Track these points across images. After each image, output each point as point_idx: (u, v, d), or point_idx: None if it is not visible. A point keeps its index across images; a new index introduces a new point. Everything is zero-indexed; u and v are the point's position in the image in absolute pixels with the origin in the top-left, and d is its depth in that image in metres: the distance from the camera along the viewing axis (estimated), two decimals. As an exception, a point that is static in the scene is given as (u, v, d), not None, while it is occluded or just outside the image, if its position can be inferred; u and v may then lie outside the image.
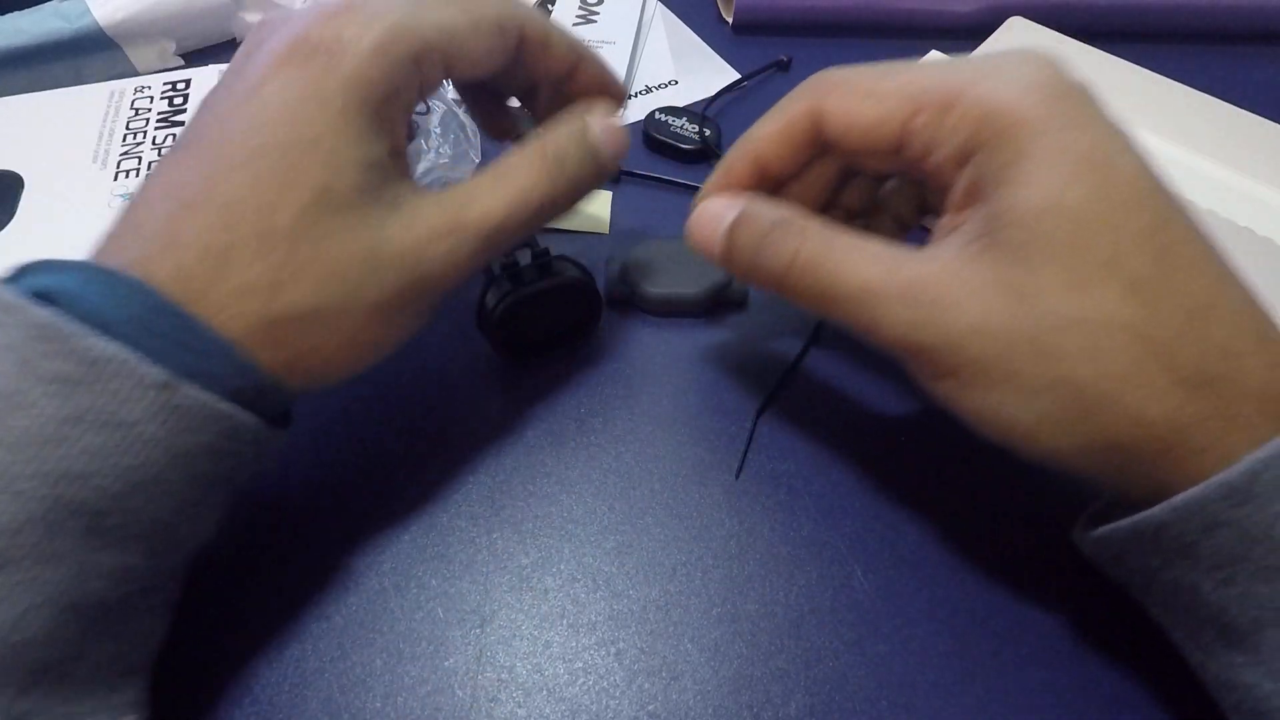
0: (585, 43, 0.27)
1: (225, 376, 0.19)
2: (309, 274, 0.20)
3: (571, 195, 0.25)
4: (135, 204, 0.21)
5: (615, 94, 0.27)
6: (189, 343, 0.19)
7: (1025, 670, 0.23)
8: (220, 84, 0.22)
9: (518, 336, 0.29)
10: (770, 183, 0.25)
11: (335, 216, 0.20)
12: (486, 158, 0.38)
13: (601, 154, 0.25)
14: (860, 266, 0.21)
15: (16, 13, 0.40)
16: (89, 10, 0.40)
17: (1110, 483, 0.21)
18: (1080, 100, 0.20)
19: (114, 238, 0.20)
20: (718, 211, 0.24)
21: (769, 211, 0.23)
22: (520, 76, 0.26)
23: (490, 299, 0.28)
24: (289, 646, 0.24)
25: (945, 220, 0.22)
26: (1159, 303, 0.18)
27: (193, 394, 0.18)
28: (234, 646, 0.24)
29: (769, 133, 0.24)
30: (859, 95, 0.22)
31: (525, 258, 0.28)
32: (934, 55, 0.39)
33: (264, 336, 0.20)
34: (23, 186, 0.32)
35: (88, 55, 0.41)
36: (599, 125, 0.25)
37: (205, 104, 0.22)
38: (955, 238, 0.21)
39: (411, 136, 0.23)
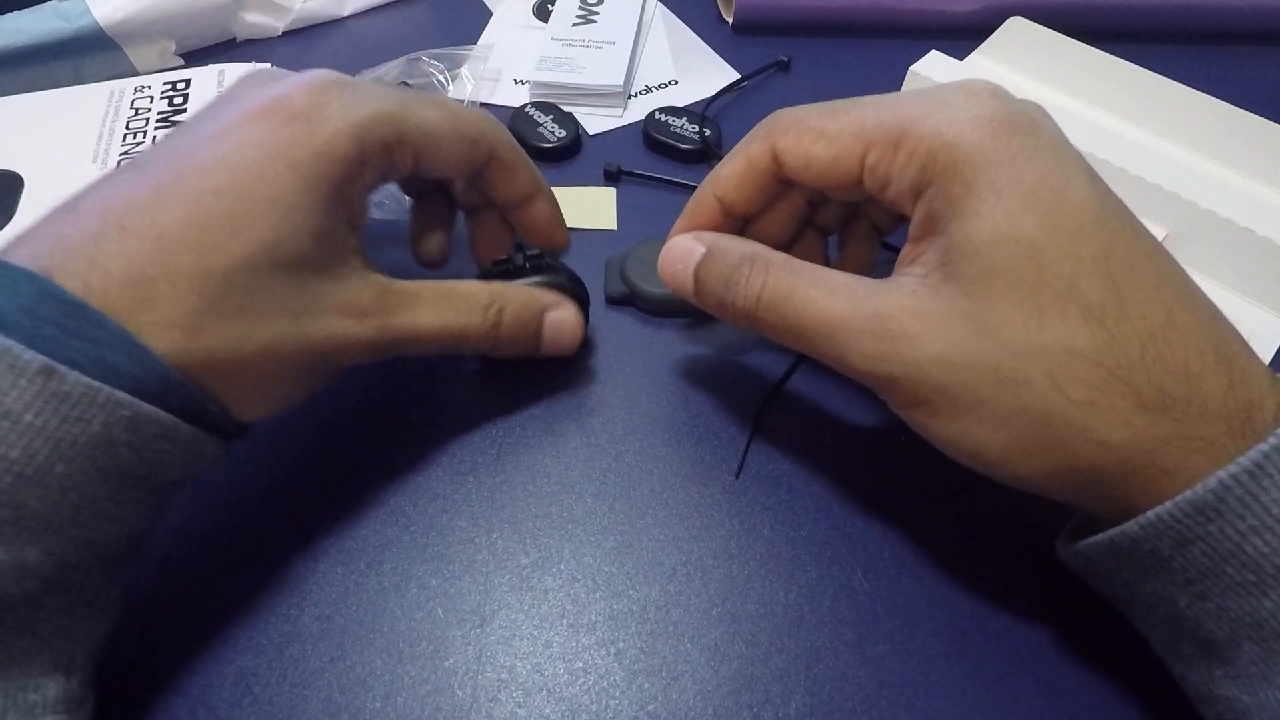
0: (547, 183, 0.28)
1: (124, 367, 0.18)
2: (233, 324, 0.20)
3: (497, 352, 0.27)
4: (61, 212, 0.20)
5: (558, 241, 0.29)
6: (84, 331, 0.18)
7: (1024, 670, 0.23)
8: (192, 119, 0.23)
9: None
10: (737, 221, 0.26)
11: (273, 275, 0.20)
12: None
13: (540, 339, 0.27)
14: (824, 301, 0.22)
15: (16, 13, 0.40)
16: (89, 10, 0.40)
17: (1082, 504, 0.21)
18: (1027, 130, 0.20)
19: (26, 241, 0.19)
20: (686, 248, 0.25)
21: (735, 247, 0.24)
22: (476, 190, 0.28)
23: None
24: (289, 646, 0.24)
25: (906, 250, 0.22)
26: (1116, 328, 0.18)
27: (76, 381, 0.17)
28: (234, 646, 0.24)
29: (729, 174, 0.25)
30: (811, 136, 0.23)
31: (519, 258, 0.28)
32: (934, 55, 0.39)
33: (174, 366, 0.19)
34: (23, 186, 0.32)
35: (88, 55, 0.41)
36: (553, 318, 0.27)
37: (171, 135, 0.22)
38: (915, 269, 0.21)
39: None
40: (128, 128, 0.35)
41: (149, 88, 0.37)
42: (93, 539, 0.19)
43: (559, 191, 0.30)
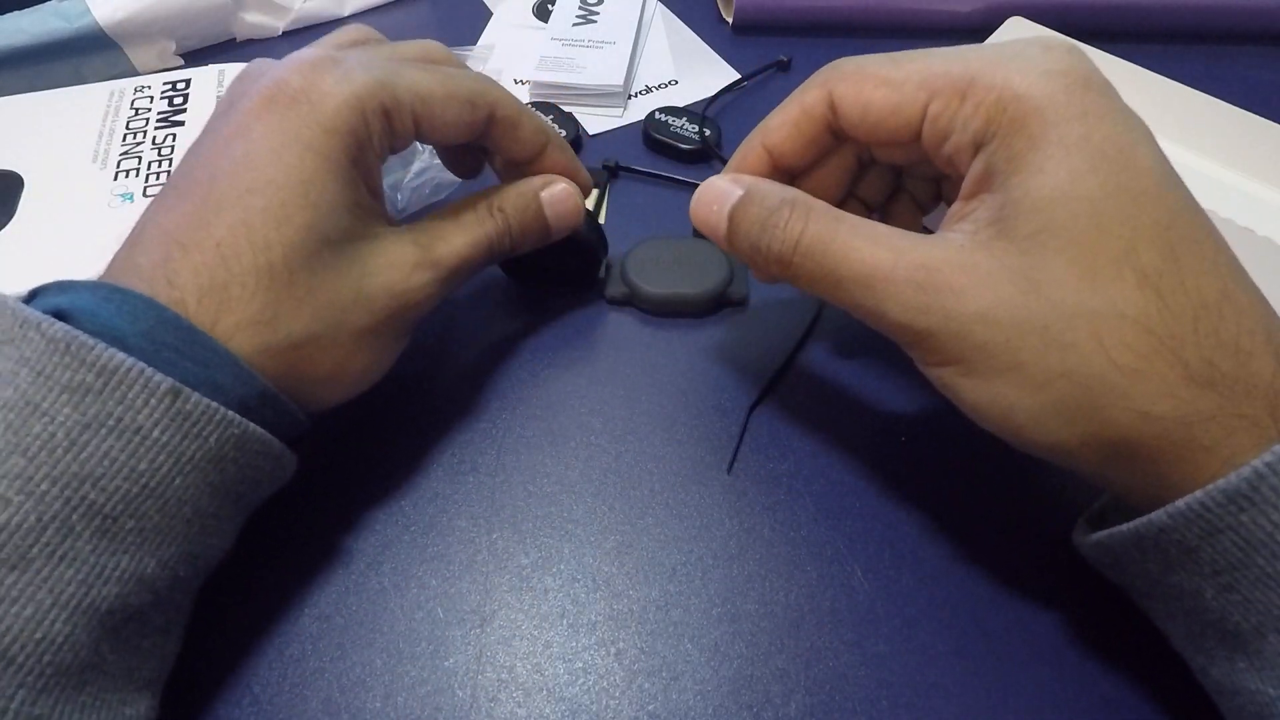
0: (557, 131, 0.28)
1: (230, 387, 0.20)
2: (305, 306, 0.21)
3: (519, 245, 0.27)
4: (129, 246, 0.22)
5: (581, 182, 0.29)
6: (195, 355, 0.19)
7: (1025, 670, 0.23)
8: (205, 129, 0.23)
9: (520, 263, 0.31)
10: (783, 175, 0.25)
11: (325, 253, 0.22)
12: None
13: (545, 218, 0.27)
14: (867, 249, 0.21)
15: (16, 13, 0.40)
16: (89, 10, 0.40)
17: (1109, 478, 0.20)
18: (1099, 90, 0.20)
19: (111, 275, 0.21)
20: (722, 190, 0.24)
21: (775, 191, 0.23)
22: (491, 150, 0.28)
23: None
24: (289, 646, 0.24)
25: (956, 208, 0.22)
26: (1170, 297, 0.18)
27: (198, 401, 0.19)
28: (233, 646, 0.24)
29: (781, 122, 0.24)
30: (873, 83, 0.22)
31: None
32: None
33: (266, 363, 0.21)
34: (23, 186, 0.32)
35: (88, 55, 0.41)
36: (549, 195, 0.27)
37: (191, 149, 0.23)
38: (965, 224, 0.21)
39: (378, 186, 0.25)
40: (128, 128, 0.35)
41: (149, 88, 0.37)
42: (198, 553, 0.20)
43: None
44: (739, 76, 0.42)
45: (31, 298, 0.20)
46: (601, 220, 0.36)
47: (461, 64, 0.27)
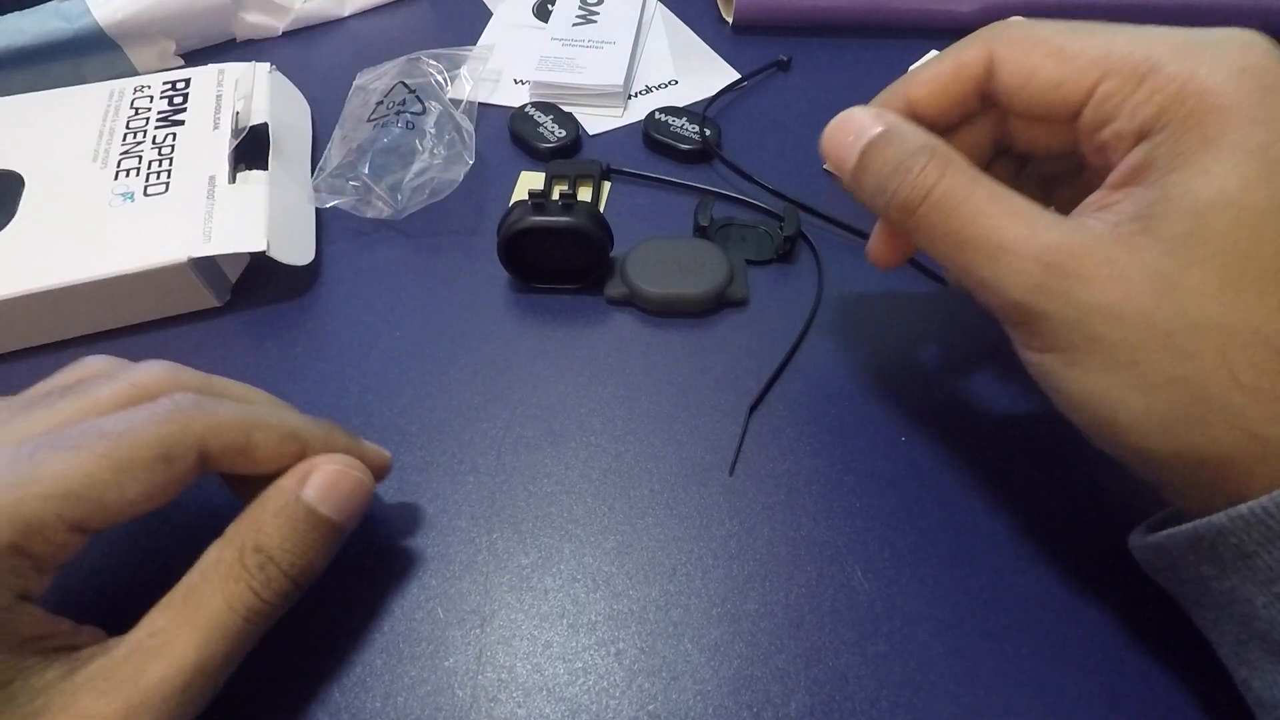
0: (323, 421, 0.23)
1: None
2: None
3: (300, 584, 0.21)
4: None
5: (368, 459, 0.23)
6: None
7: (1025, 670, 0.23)
8: None
9: (524, 258, 0.32)
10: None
11: None
12: (481, 160, 0.38)
13: (326, 519, 0.21)
14: (1001, 218, 0.20)
15: (16, 13, 0.40)
16: (89, 10, 0.40)
17: (1183, 491, 0.20)
18: None
19: None
20: (861, 123, 0.22)
21: (916, 135, 0.22)
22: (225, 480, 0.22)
23: (511, 218, 0.31)
24: (289, 647, 0.24)
25: (1097, 196, 0.20)
26: None
27: None
28: (234, 646, 0.24)
29: (933, 75, 0.23)
30: (1044, 51, 0.21)
31: (555, 194, 0.31)
32: (932, 55, 0.39)
33: None
34: (23, 186, 0.32)
35: (88, 55, 0.41)
36: (311, 487, 0.21)
37: None
38: (1107, 214, 0.19)
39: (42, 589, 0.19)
40: (128, 127, 0.35)
41: (149, 88, 0.37)
42: None
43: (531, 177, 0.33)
44: (739, 76, 0.42)
45: None
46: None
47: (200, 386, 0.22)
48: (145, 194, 0.32)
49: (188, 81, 0.37)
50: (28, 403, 0.21)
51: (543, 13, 0.47)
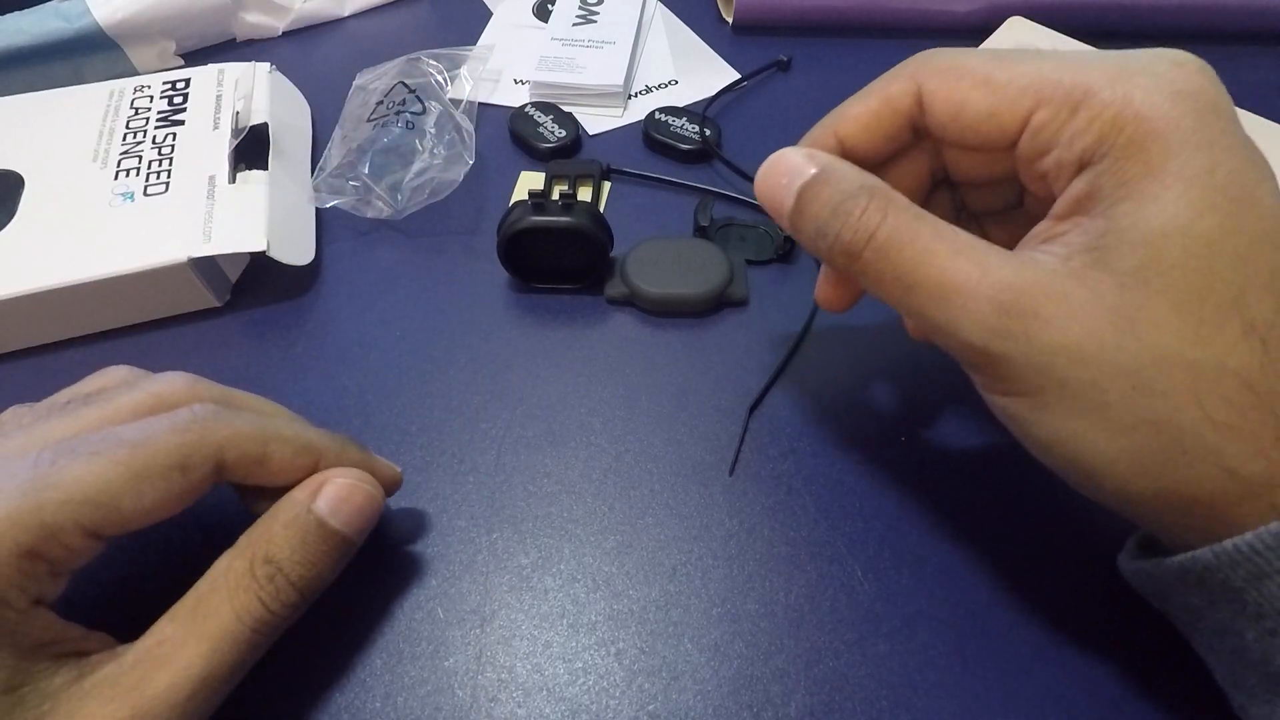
0: (337, 435, 0.23)
1: None
2: None
3: (307, 595, 0.21)
4: None
5: (379, 473, 0.24)
6: None
7: (1025, 670, 0.23)
8: None
9: (524, 258, 0.32)
10: None
11: None
12: (482, 159, 0.38)
13: (335, 531, 0.21)
14: (949, 258, 0.19)
15: (16, 13, 0.40)
16: (89, 10, 0.40)
17: (1165, 529, 0.19)
18: (1228, 118, 0.18)
19: None
20: (794, 164, 0.22)
21: (852, 175, 0.21)
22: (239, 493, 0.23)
23: (511, 218, 0.31)
24: (289, 647, 0.24)
25: (1043, 227, 0.20)
26: (1277, 351, 0.17)
27: None
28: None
29: (859, 112, 0.22)
30: (971, 81, 0.20)
31: (555, 194, 0.31)
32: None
33: None
34: (23, 186, 0.32)
35: (88, 55, 0.41)
36: (323, 499, 0.21)
37: None
38: (1056, 247, 0.19)
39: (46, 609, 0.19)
40: (128, 127, 0.35)
41: (149, 88, 0.37)
42: None
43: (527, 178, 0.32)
44: (739, 76, 0.42)
45: None
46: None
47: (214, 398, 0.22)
48: (145, 194, 0.32)
49: (188, 81, 0.37)
50: (49, 409, 0.21)
51: (543, 13, 0.47)
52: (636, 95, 0.42)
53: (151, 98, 0.36)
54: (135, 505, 0.19)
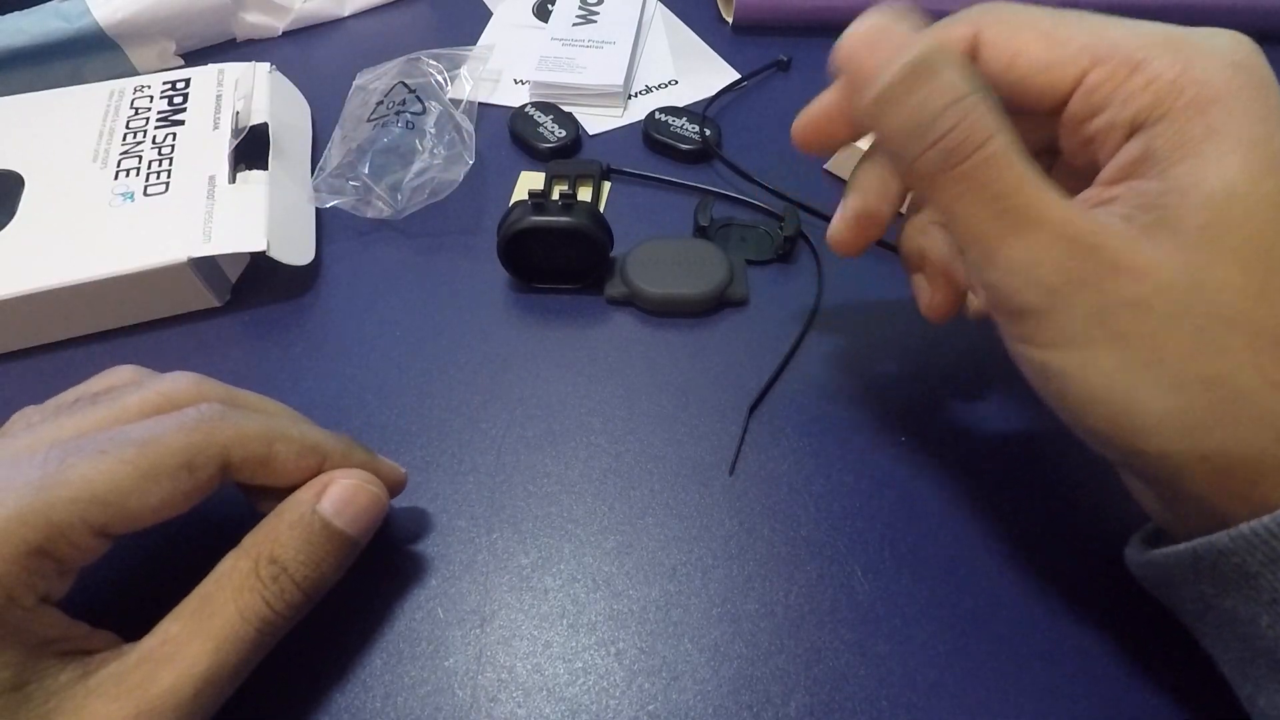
0: (342, 436, 0.23)
1: None
2: None
3: (311, 595, 0.21)
4: None
5: (384, 474, 0.24)
6: None
7: (1025, 670, 0.23)
8: None
9: (524, 258, 0.32)
10: None
11: None
12: (481, 159, 0.38)
13: (340, 532, 0.21)
14: (1046, 191, 0.18)
15: (16, 13, 0.40)
16: (89, 10, 0.40)
17: (1191, 500, 0.19)
18: (1279, 94, 0.18)
19: None
20: (905, 40, 0.19)
21: (975, 73, 0.19)
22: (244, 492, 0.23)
23: (511, 218, 0.31)
24: (289, 647, 0.24)
25: (1092, 193, 0.20)
26: None
27: None
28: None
29: None
30: (1032, 33, 0.20)
31: (555, 194, 0.31)
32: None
33: None
34: (23, 186, 0.32)
35: (88, 55, 0.41)
36: (327, 500, 0.21)
37: None
38: (1114, 209, 0.19)
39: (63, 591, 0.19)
40: (128, 127, 0.35)
41: (149, 88, 0.37)
42: None
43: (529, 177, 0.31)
44: (739, 76, 0.42)
45: None
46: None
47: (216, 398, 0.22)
48: (145, 194, 0.32)
49: (188, 81, 0.37)
50: (57, 409, 0.21)
51: (543, 13, 0.47)
52: (636, 95, 0.42)
53: (151, 98, 0.36)
54: (142, 504, 0.19)
